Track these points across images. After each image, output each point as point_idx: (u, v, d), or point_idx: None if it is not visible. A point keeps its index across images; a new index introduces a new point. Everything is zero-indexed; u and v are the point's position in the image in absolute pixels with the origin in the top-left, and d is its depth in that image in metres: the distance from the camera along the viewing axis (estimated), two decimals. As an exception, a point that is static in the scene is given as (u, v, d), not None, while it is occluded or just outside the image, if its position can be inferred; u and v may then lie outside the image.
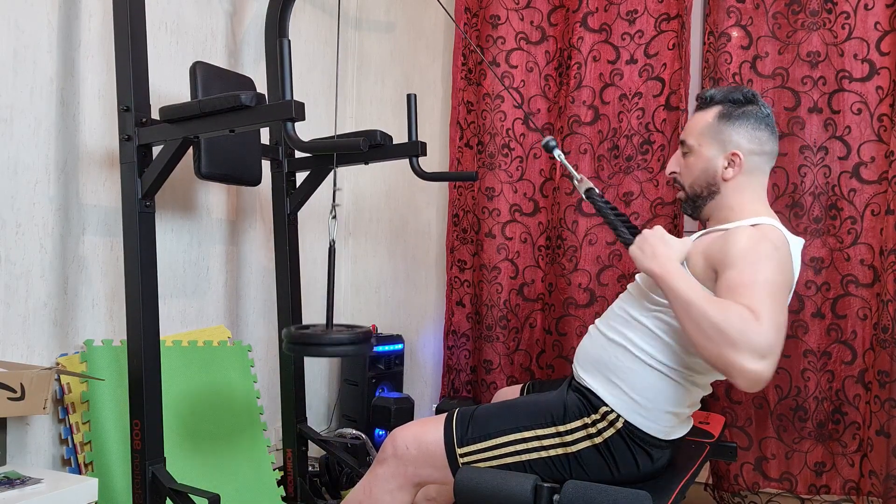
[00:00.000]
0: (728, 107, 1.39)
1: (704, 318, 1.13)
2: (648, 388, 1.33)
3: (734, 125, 1.38)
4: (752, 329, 1.09)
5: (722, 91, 1.42)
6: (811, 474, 2.07)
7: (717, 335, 1.11)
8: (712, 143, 1.39)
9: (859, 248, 2.00)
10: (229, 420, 2.01)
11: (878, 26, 1.97)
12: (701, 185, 1.41)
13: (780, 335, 1.12)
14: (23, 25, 1.60)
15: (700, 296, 1.17)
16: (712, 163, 1.39)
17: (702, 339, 1.14)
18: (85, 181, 1.76)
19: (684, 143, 1.44)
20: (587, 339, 1.47)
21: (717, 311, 1.12)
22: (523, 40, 2.38)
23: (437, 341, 2.64)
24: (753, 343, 1.08)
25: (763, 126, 1.38)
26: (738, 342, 1.09)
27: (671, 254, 1.26)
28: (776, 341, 1.11)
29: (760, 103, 1.40)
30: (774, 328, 1.11)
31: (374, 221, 2.79)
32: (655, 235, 1.30)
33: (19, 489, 1.34)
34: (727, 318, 1.11)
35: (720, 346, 1.11)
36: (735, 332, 1.09)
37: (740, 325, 1.09)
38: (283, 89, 1.31)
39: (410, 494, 1.42)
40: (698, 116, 1.43)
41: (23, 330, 1.63)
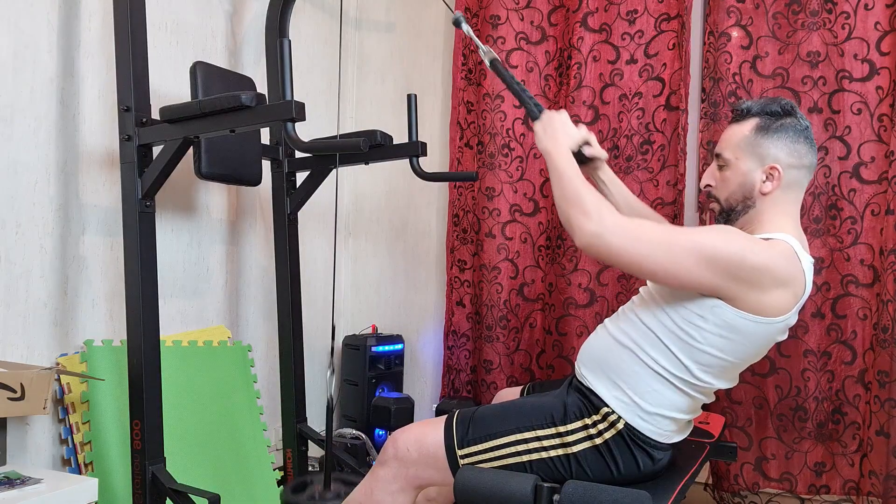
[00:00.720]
0: (765, 119, 1.36)
1: (573, 188, 1.31)
2: (652, 393, 1.33)
3: (772, 138, 1.35)
4: (608, 211, 1.26)
5: (759, 103, 1.39)
6: (811, 474, 2.07)
7: (577, 200, 1.28)
8: (750, 156, 1.36)
9: (859, 248, 2.00)
10: (229, 420, 2.01)
11: (878, 26, 1.97)
12: (737, 199, 1.39)
13: (628, 237, 1.24)
14: (23, 25, 1.60)
15: (577, 174, 1.33)
16: (750, 177, 1.36)
17: (562, 201, 1.31)
18: (85, 181, 1.76)
19: (720, 157, 1.42)
20: (594, 337, 1.46)
21: (587, 189, 1.30)
22: (523, 40, 2.38)
23: (437, 341, 2.64)
24: (602, 216, 1.25)
25: (802, 139, 1.35)
26: (590, 211, 1.26)
27: (567, 140, 1.41)
28: (621, 234, 1.24)
29: (799, 115, 1.37)
30: (629, 230, 1.25)
31: (375, 221, 2.79)
32: (560, 120, 1.43)
33: (19, 489, 1.34)
34: (592, 197, 1.28)
35: (574, 207, 1.28)
36: (591, 205, 1.27)
37: (598, 203, 1.27)
38: (283, 89, 1.31)
39: (411, 496, 1.42)
40: (734, 129, 1.40)
41: (23, 330, 1.62)
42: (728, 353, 1.30)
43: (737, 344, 1.29)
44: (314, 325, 2.59)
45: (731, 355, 1.30)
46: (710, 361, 1.31)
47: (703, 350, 1.29)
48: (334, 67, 2.69)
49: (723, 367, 1.32)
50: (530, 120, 1.50)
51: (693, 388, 1.34)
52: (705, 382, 1.33)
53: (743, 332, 1.28)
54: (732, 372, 1.37)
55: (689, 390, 1.34)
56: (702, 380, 1.32)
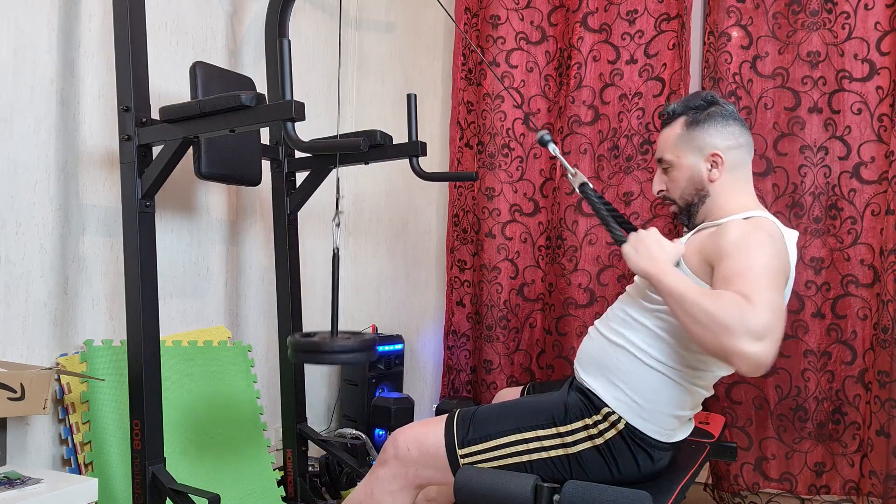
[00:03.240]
0: (692, 114, 1.43)
1: (699, 309, 1.14)
2: (650, 390, 1.33)
3: (704, 128, 1.41)
4: (746, 312, 1.10)
5: (681, 102, 1.46)
6: (811, 474, 2.07)
7: (713, 324, 1.12)
8: (689, 151, 1.42)
9: (859, 248, 2.00)
10: (229, 420, 2.01)
11: (878, 26, 1.97)
12: (690, 193, 1.44)
13: (776, 316, 1.12)
14: (23, 25, 1.60)
15: (693, 289, 1.18)
16: (696, 169, 1.42)
17: (699, 330, 1.14)
18: (85, 181, 1.76)
19: (662, 160, 1.47)
20: (587, 340, 1.47)
21: (710, 301, 1.14)
22: (523, 40, 2.38)
23: (437, 341, 2.64)
24: (748, 326, 1.09)
25: (731, 121, 1.41)
26: (732, 327, 1.09)
27: (664, 255, 1.27)
28: (772, 322, 1.10)
29: (721, 102, 1.44)
30: (769, 309, 1.11)
31: (375, 221, 2.79)
32: (650, 236, 1.31)
33: (19, 489, 1.34)
34: (720, 306, 1.12)
35: (717, 334, 1.11)
36: (729, 317, 1.10)
37: (733, 310, 1.10)
38: (283, 89, 1.31)
39: (411, 496, 1.42)
40: (667, 132, 1.47)
41: (23, 330, 1.62)
42: None
43: None
44: (314, 325, 2.59)
45: None
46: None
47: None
48: (334, 67, 2.69)
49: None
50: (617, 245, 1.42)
51: (691, 379, 1.34)
52: (702, 368, 1.33)
53: None
54: None
55: (688, 383, 1.34)
56: (698, 366, 1.33)
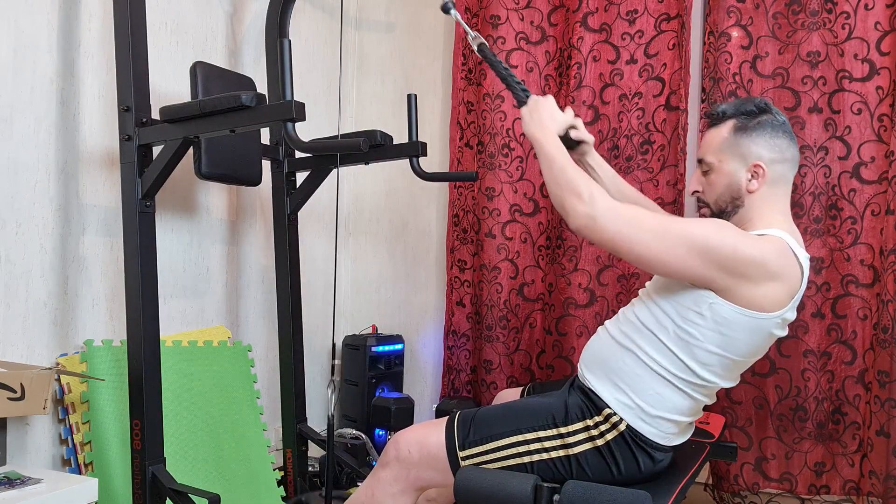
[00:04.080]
0: (742, 119, 1.38)
1: (564, 173, 1.32)
2: (654, 395, 1.33)
3: (751, 136, 1.36)
4: (600, 195, 1.28)
5: (733, 104, 1.41)
6: (811, 474, 2.07)
7: (567, 185, 1.30)
8: (732, 157, 1.37)
9: (859, 248, 2.00)
10: (229, 420, 2.01)
11: (878, 26, 1.98)
12: (725, 201, 1.40)
13: (621, 222, 1.26)
14: (23, 25, 1.60)
15: (567, 159, 1.35)
16: (735, 177, 1.37)
17: (554, 187, 1.33)
18: (85, 181, 1.76)
19: (703, 162, 1.43)
20: (595, 339, 1.46)
21: (577, 173, 1.32)
22: (523, 40, 2.38)
23: (437, 341, 2.64)
24: (594, 199, 1.27)
25: (781, 133, 1.37)
26: (582, 194, 1.28)
27: (553, 125, 1.42)
28: (613, 218, 1.26)
29: (774, 111, 1.39)
30: (623, 215, 1.27)
31: (374, 221, 2.79)
32: (547, 105, 1.44)
33: (19, 489, 1.34)
34: (584, 181, 1.30)
35: (565, 191, 1.30)
36: (584, 188, 1.28)
37: (590, 186, 1.29)
38: (284, 89, 1.31)
39: (413, 498, 1.42)
40: (713, 133, 1.42)
41: (23, 330, 1.62)
42: (727, 349, 1.30)
43: (734, 340, 1.29)
44: (314, 325, 2.59)
45: (730, 352, 1.31)
46: (711, 360, 1.31)
47: (703, 348, 1.30)
48: (334, 67, 2.69)
49: (724, 365, 1.32)
50: (517, 105, 1.52)
51: (695, 389, 1.34)
52: (708, 381, 1.33)
53: (738, 328, 1.28)
54: (735, 370, 1.37)
55: (692, 391, 1.34)
56: (704, 378, 1.32)
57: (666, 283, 1.35)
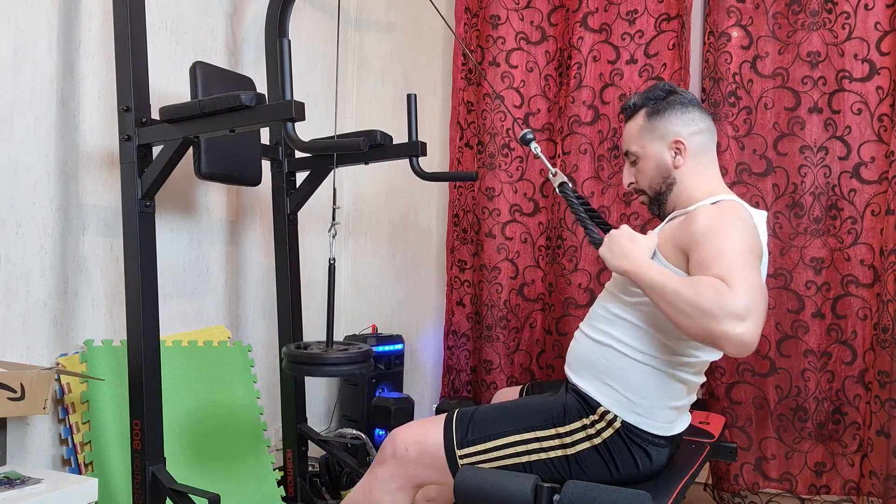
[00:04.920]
0: (652, 105, 1.46)
1: (679, 298, 1.16)
2: (640, 385, 1.33)
3: (664, 117, 1.43)
4: (725, 295, 1.12)
5: (641, 94, 1.49)
6: (811, 474, 2.07)
7: (694, 311, 1.14)
8: (653, 140, 1.45)
9: (859, 248, 2.00)
10: (229, 420, 2.01)
11: (878, 26, 1.97)
12: (658, 182, 1.46)
13: (755, 295, 1.14)
14: (23, 25, 1.60)
15: (672, 279, 1.20)
16: (661, 157, 1.44)
17: (683, 319, 1.16)
18: (85, 181, 1.76)
19: (629, 153, 1.50)
20: (574, 343, 1.48)
21: (689, 288, 1.16)
22: (523, 40, 2.38)
23: (437, 341, 2.64)
24: (729, 308, 1.11)
25: (691, 108, 1.43)
26: (714, 312, 1.12)
27: (639, 251, 1.29)
28: (752, 301, 1.12)
29: (680, 91, 1.46)
30: (748, 289, 1.13)
31: (374, 221, 2.79)
32: (623, 235, 1.33)
33: (19, 489, 1.34)
34: (699, 292, 1.14)
35: (700, 320, 1.13)
36: (709, 302, 1.12)
37: (713, 294, 1.13)
38: (283, 89, 1.31)
39: (410, 495, 1.42)
40: (630, 125, 1.49)
41: (23, 330, 1.62)
42: None
43: None
44: (314, 326, 2.59)
45: None
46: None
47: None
48: (334, 67, 2.69)
49: None
50: (593, 246, 1.47)
51: (681, 368, 1.34)
52: (689, 355, 1.34)
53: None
54: None
55: (678, 371, 1.34)
56: (684, 353, 1.33)
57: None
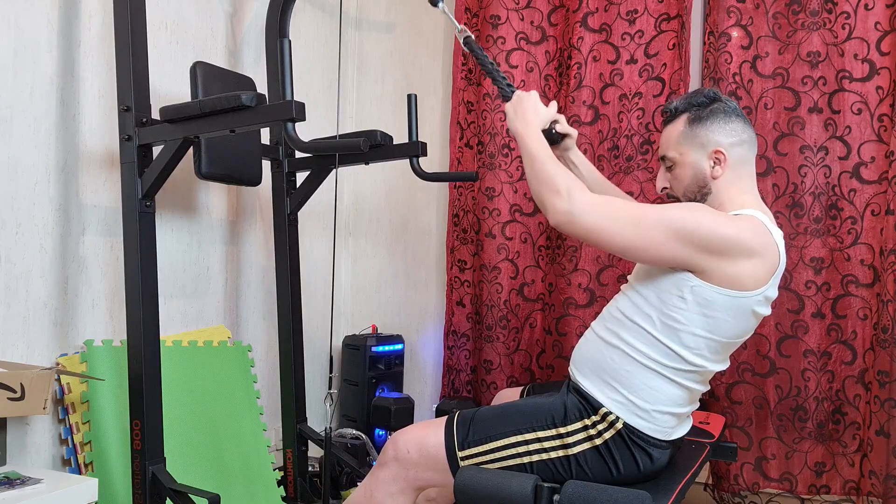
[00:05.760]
0: (695, 111, 1.43)
1: (544, 169, 1.33)
2: (646, 390, 1.33)
3: (707, 125, 1.41)
4: (579, 190, 1.29)
5: (684, 99, 1.46)
6: (811, 474, 2.07)
7: (547, 181, 1.31)
8: (692, 148, 1.42)
9: (859, 248, 2.00)
10: (229, 420, 2.01)
11: (878, 26, 1.97)
12: (693, 191, 1.43)
13: (600, 215, 1.27)
14: (23, 25, 1.60)
15: (548, 154, 1.36)
16: (699, 166, 1.41)
17: (535, 184, 1.34)
18: (85, 181, 1.76)
19: (665, 158, 1.47)
20: (583, 341, 1.47)
21: (557, 169, 1.33)
22: (523, 40, 2.38)
23: (437, 341, 2.64)
24: (572, 194, 1.27)
25: (734, 117, 1.41)
26: (560, 189, 1.29)
27: (536, 120, 1.43)
28: (592, 211, 1.27)
29: (724, 99, 1.44)
30: (600, 207, 1.27)
31: (375, 221, 2.79)
32: (530, 100, 1.45)
33: (19, 489, 1.34)
34: (564, 177, 1.31)
35: (545, 187, 1.31)
36: (562, 184, 1.29)
37: (569, 182, 1.30)
38: (284, 89, 1.31)
39: (411, 498, 1.42)
40: (670, 129, 1.47)
41: (23, 330, 1.62)
42: (713, 331, 1.31)
43: (719, 321, 1.30)
44: (314, 325, 2.59)
45: (716, 334, 1.31)
46: (698, 343, 1.31)
47: (689, 332, 1.30)
48: (334, 67, 2.69)
49: (711, 348, 1.33)
50: (501, 100, 1.53)
51: (687, 377, 1.34)
52: (698, 366, 1.33)
53: (721, 308, 1.29)
54: (723, 352, 1.37)
55: (683, 379, 1.34)
56: (694, 364, 1.33)
57: (646, 272, 1.37)
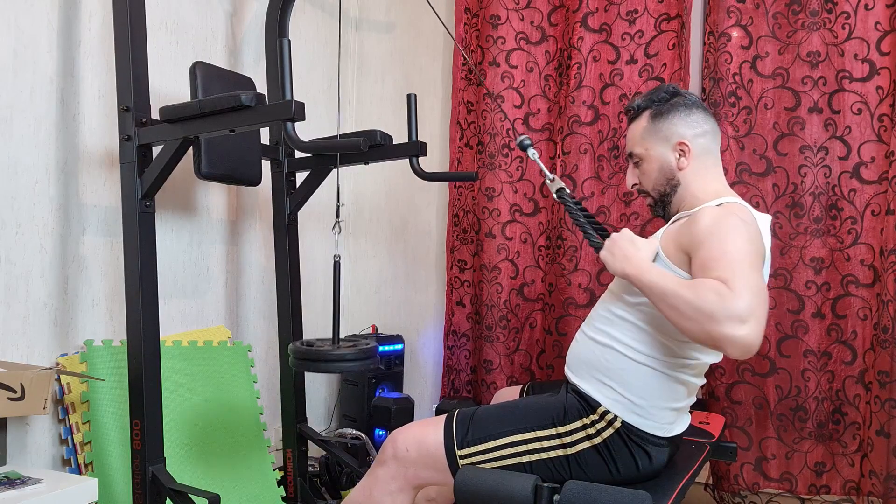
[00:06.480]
0: (656, 107, 1.45)
1: (681, 301, 1.16)
2: (641, 386, 1.33)
3: (668, 119, 1.43)
4: (727, 297, 1.12)
5: (645, 96, 1.49)
6: (811, 474, 2.07)
7: (696, 314, 1.14)
8: (656, 142, 1.44)
9: (859, 248, 2.00)
10: (229, 420, 2.01)
11: (878, 26, 1.97)
12: (662, 184, 1.46)
13: (757, 298, 1.14)
14: (23, 25, 1.60)
15: (673, 281, 1.20)
16: (664, 159, 1.44)
17: (684, 322, 1.16)
18: (85, 181, 1.76)
19: (632, 155, 1.49)
20: (574, 343, 1.48)
21: (690, 291, 1.16)
22: (523, 40, 2.38)
23: (437, 341, 2.64)
24: (731, 311, 1.11)
25: (695, 109, 1.43)
26: (715, 314, 1.12)
27: (641, 254, 1.30)
28: (753, 304, 1.12)
29: (683, 93, 1.46)
30: (749, 292, 1.13)
31: (374, 221, 2.79)
32: (624, 238, 1.34)
33: (19, 489, 1.34)
34: (700, 294, 1.14)
35: (702, 323, 1.13)
36: (710, 304, 1.12)
37: (714, 297, 1.13)
38: (283, 89, 1.31)
39: (410, 496, 1.42)
40: (634, 126, 1.49)
41: (23, 330, 1.62)
42: None
43: None
44: (314, 326, 2.59)
45: None
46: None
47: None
48: (334, 67, 2.69)
49: None
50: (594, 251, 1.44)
51: (681, 370, 1.34)
52: (689, 357, 1.34)
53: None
54: None
55: (678, 373, 1.34)
56: (685, 355, 1.33)
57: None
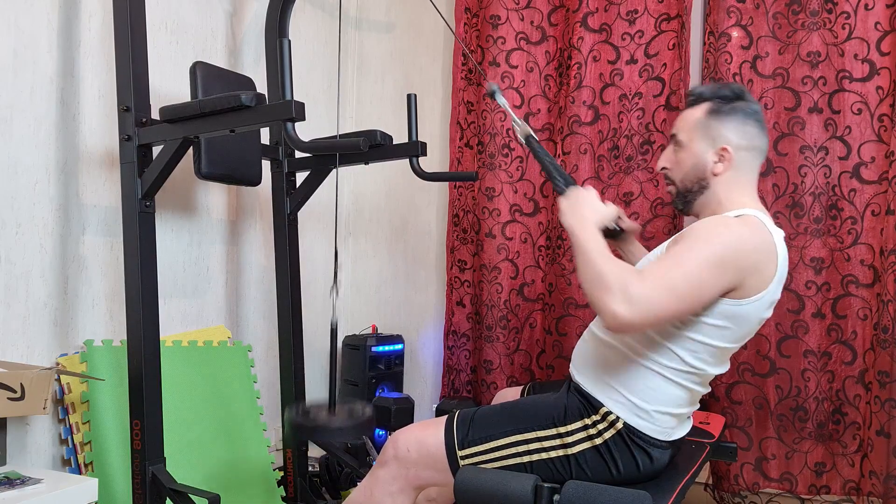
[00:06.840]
0: (717, 103, 1.41)
1: (593, 265, 1.22)
2: (645, 390, 1.33)
3: (723, 121, 1.39)
4: (629, 279, 1.17)
5: (711, 87, 1.44)
6: (811, 474, 2.07)
7: (597, 279, 1.20)
8: (702, 138, 1.41)
9: (859, 249, 2.00)
10: (229, 420, 2.01)
11: (878, 26, 1.97)
12: (691, 180, 1.43)
13: (661, 293, 1.17)
14: (23, 25, 1.60)
15: (598, 248, 1.25)
16: (702, 158, 1.40)
17: (586, 284, 1.23)
18: (85, 181, 1.76)
19: (675, 137, 1.46)
20: (581, 342, 1.47)
21: (605, 261, 1.22)
22: (523, 40, 2.38)
23: (437, 341, 2.64)
24: (624, 288, 1.16)
25: (752, 121, 1.39)
26: (611, 285, 1.18)
27: (593, 216, 1.34)
28: (653, 296, 1.16)
29: (749, 99, 1.42)
30: (657, 285, 1.17)
31: (374, 221, 2.79)
32: (588, 197, 1.37)
33: (19, 489, 1.34)
34: (611, 268, 1.20)
35: (597, 288, 1.20)
36: (611, 276, 1.19)
37: (619, 273, 1.19)
38: (283, 89, 1.31)
39: (411, 497, 1.42)
40: (688, 113, 1.45)
41: (23, 330, 1.62)
42: (720, 339, 1.31)
43: (722, 329, 1.30)
44: (314, 325, 2.59)
45: (722, 341, 1.31)
46: (698, 347, 1.31)
47: (690, 337, 1.30)
48: (334, 67, 2.69)
49: (713, 353, 1.33)
50: (556, 195, 1.47)
51: (687, 378, 1.34)
52: (698, 368, 1.33)
53: (726, 317, 1.28)
54: (723, 356, 1.37)
55: (683, 380, 1.34)
56: (694, 366, 1.32)
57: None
